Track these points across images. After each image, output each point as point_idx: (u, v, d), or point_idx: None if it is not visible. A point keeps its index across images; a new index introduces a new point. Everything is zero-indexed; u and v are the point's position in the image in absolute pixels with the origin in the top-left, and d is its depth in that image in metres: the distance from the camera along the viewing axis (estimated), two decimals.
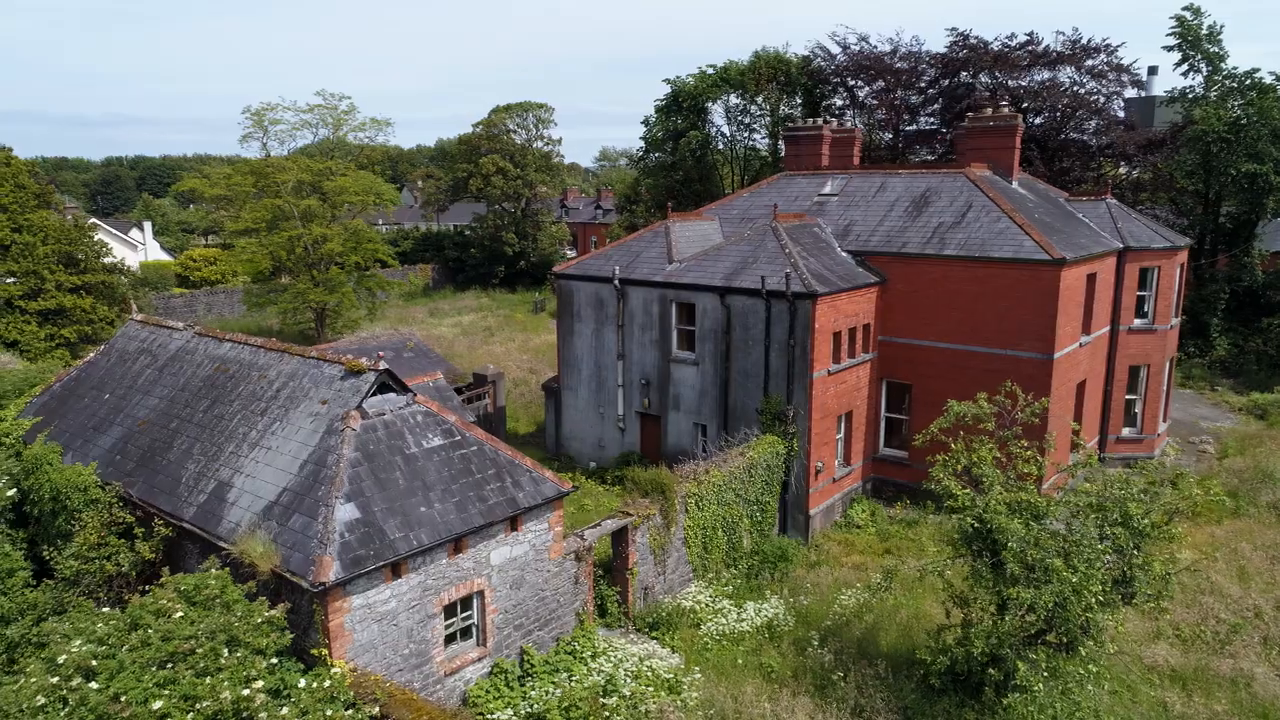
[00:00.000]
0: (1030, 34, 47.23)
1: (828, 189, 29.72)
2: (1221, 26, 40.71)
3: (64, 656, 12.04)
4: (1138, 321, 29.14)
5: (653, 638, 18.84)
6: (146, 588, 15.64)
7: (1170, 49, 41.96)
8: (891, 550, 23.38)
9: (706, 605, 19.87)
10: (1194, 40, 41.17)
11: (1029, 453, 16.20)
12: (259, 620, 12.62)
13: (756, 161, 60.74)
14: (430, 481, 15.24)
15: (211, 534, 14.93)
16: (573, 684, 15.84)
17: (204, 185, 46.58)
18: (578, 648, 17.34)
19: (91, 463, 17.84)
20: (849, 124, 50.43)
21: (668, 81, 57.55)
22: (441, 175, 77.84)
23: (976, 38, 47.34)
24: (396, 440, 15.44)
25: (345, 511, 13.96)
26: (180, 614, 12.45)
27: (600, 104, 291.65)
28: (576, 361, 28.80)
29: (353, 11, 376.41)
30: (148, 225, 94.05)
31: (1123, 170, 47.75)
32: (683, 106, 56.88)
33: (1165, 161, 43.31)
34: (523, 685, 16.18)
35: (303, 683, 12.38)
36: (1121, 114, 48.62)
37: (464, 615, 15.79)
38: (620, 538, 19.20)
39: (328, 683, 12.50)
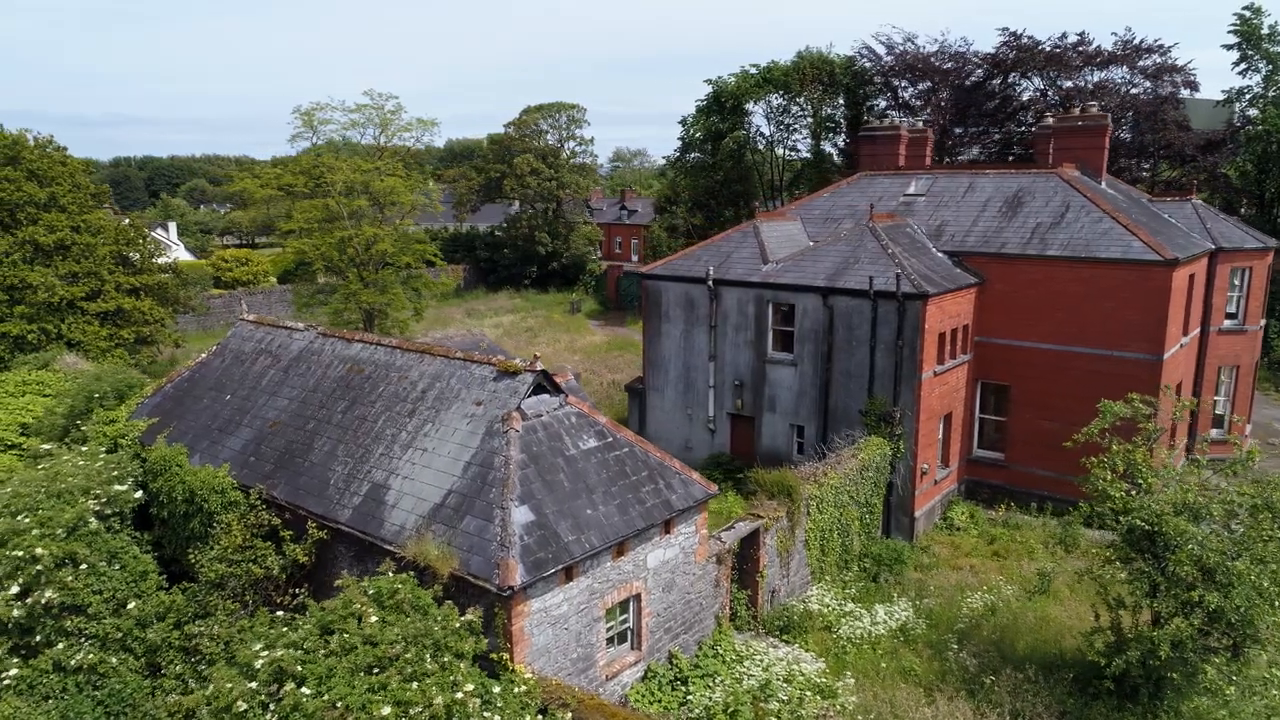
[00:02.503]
0: (1081, 34, 47.12)
1: (913, 189, 29.55)
2: None
3: (260, 661, 11.85)
4: (1228, 323, 29.02)
5: (784, 641, 18.68)
6: (297, 591, 15.50)
7: (1230, 47, 41.95)
8: (1000, 553, 23.27)
9: (833, 608, 19.70)
10: (1254, 39, 41.07)
11: (1176, 453, 16.08)
12: (456, 625, 12.44)
13: (798, 162, 60.62)
14: (592, 484, 15.07)
15: (374, 537, 14.74)
16: (728, 688, 15.68)
17: (254, 185, 46.36)
18: (720, 651, 17.19)
19: (223, 464, 17.63)
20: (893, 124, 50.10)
21: (709, 81, 57.39)
22: (474, 175, 77.53)
23: (1029, 37, 47.13)
24: (555, 442, 15.27)
25: (521, 514, 13.79)
26: (375, 618, 12.25)
27: (601, 104, 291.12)
28: (663, 362, 28.59)
29: (353, 11, 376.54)
30: (172, 225, 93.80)
31: (1172, 172, 47.58)
32: (724, 106, 56.65)
33: (1225, 161, 43.20)
34: (674, 689, 16.01)
35: (498, 688, 12.23)
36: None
37: (621, 619, 15.62)
38: (750, 541, 19.03)
39: (523, 688, 12.37)
